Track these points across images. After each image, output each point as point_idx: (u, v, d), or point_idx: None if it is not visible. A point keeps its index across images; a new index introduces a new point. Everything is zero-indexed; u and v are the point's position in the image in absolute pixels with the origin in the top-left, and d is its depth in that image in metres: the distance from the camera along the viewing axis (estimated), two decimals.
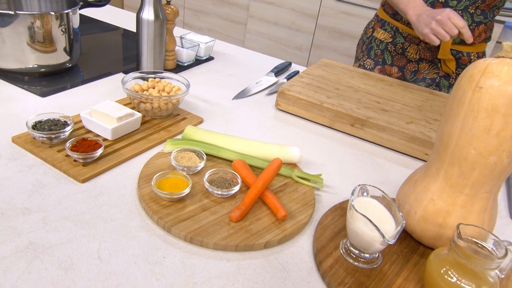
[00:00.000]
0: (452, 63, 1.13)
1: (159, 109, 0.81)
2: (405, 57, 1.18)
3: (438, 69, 1.17)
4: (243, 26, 3.09)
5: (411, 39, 1.15)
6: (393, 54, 1.20)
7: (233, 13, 3.09)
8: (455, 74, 1.17)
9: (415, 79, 1.20)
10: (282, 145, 0.74)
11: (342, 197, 0.71)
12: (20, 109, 0.80)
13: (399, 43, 1.17)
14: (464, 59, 1.14)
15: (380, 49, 1.22)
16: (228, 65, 1.19)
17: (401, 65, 1.20)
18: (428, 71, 1.17)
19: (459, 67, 1.16)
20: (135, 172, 0.68)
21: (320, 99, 0.92)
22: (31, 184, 0.61)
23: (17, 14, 0.83)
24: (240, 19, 3.08)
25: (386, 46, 1.21)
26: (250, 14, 3.00)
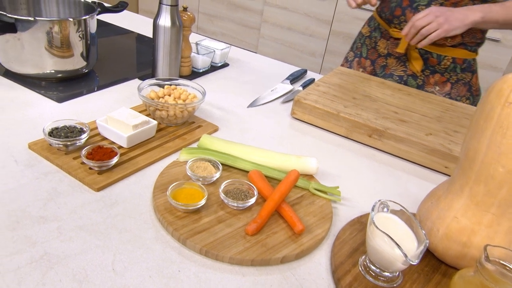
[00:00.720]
0: (418, 62, 1.12)
1: (174, 116, 0.80)
2: (377, 51, 1.21)
3: (405, 67, 1.16)
4: (257, 31, 3.09)
5: (384, 35, 1.17)
6: (369, 47, 1.23)
7: (247, 18, 3.10)
8: (421, 75, 1.15)
9: (383, 74, 1.20)
10: (299, 156, 0.73)
11: (359, 210, 0.69)
12: (37, 115, 0.80)
13: (373, 36, 1.21)
14: (432, 60, 1.12)
15: (361, 42, 1.26)
16: (243, 72, 1.18)
17: (373, 59, 1.22)
18: (395, 67, 1.17)
19: (427, 68, 1.14)
20: (150, 181, 0.67)
21: (337, 109, 0.91)
22: (46, 192, 0.61)
23: (37, 20, 0.83)
24: (254, 24, 3.08)
25: (365, 39, 1.25)
26: (264, 19, 2.99)
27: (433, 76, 1.13)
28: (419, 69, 1.12)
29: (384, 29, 1.18)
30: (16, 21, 0.82)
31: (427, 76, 1.14)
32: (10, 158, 0.67)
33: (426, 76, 1.15)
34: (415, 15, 0.99)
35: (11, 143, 0.70)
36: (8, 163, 0.65)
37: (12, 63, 0.89)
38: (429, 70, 1.14)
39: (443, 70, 1.13)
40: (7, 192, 0.59)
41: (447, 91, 1.14)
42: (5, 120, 0.76)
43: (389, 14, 1.13)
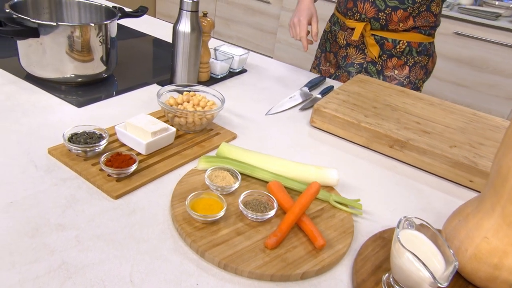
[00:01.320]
0: (375, 48, 1.18)
1: (193, 124, 0.79)
2: (337, 43, 1.27)
3: (364, 54, 1.22)
4: (273, 35, 3.08)
5: (343, 27, 1.24)
6: (331, 41, 1.30)
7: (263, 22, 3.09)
8: (379, 60, 1.21)
9: (345, 64, 1.27)
10: (319, 167, 0.71)
11: (381, 225, 0.67)
12: (57, 119, 0.80)
13: (333, 30, 1.28)
14: (388, 45, 1.18)
15: (325, 38, 1.34)
16: (261, 78, 1.17)
17: (335, 51, 1.29)
18: (355, 55, 1.23)
19: (384, 53, 1.19)
20: (168, 189, 0.66)
21: (357, 118, 0.89)
22: (65, 198, 0.61)
23: (59, 25, 0.83)
24: (270, 28, 3.07)
25: (327, 34, 1.32)
26: (280, 24, 2.98)
27: (390, 60, 1.19)
28: (376, 54, 1.19)
29: (342, 22, 1.24)
30: (39, 26, 0.83)
31: (385, 61, 1.20)
32: (30, 163, 0.66)
33: (384, 60, 1.21)
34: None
35: (31, 148, 0.70)
36: (28, 168, 0.65)
37: (34, 67, 0.89)
38: (386, 55, 1.20)
39: (400, 53, 1.18)
40: (27, 198, 0.59)
41: (406, 74, 1.20)
42: (27, 124, 0.77)
43: (344, 8, 1.21)
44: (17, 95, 0.86)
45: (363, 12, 1.15)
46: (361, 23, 1.16)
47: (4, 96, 0.85)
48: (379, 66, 1.22)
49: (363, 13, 1.15)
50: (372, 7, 1.13)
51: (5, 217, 0.55)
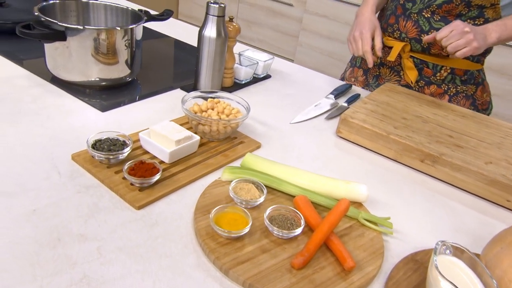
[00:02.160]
0: (412, 72, 1.08)
1: (217, 132, 0.77)
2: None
3: (400, 76, 1.13)
4: (295, 38, 3.05)
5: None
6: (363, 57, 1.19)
7: (286, 25, 3.06)
8: (416, 86, 1.11)
9: (377, 84, 1.19)
10: (348, 182, 0.68)
11: (412, 246, 0.63)
12: (81, 124, 0.79)
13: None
14: (428, 71, 1.08)
15: None
16: (285, 84, 1.14)
17: (366, 69, 1.21)
18: (389, 77, 1.16)
19: (422, 79, 1.11)
20: (192, 201, 0.65)
21: (386, 130, 0.85)
22: (87, 207, 0.59)
23: (85, 29, 0.83)
24: (292, 31, 3.04)
25: None
26: (303, 27, 2.95)
27: (428, 87, 1.10)
28: (413, 79, 1.09)
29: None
30: (66, 29, 0.82)
31: (422, 87, 1.11)
32: (54, 169, 0.66)
33: (421, 87, 1.11)
34: (439, 32, 0.92)
35: (55, 153, 0.69)
36: (51, 175, 0.64)
37: (60, 70, 0.89)
38: (424, 81, 1.10)
39: (440, 81, 1.09)
40: (50, 206, 0.58)
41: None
42: (51, 128, 0.76)
43: (384, 23, 1.12)
44: (42, 98, 0.86)
45: (404, 31, 1.06)
46: (400, 43, 1.07)
47: (31, 98, 0.85)
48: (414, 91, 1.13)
49: (404, 31, 1.06)
50: (414, 27, 1.04)
51: (28, 226, 0.54)
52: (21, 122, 0.76)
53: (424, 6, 1.01)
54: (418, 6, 1.02)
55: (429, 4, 1.00)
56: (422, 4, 1.02)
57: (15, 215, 0.56)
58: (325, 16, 2.80)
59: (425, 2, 1.01)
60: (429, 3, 1.00)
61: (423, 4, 1.01)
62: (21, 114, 0.79)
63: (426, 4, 1.01)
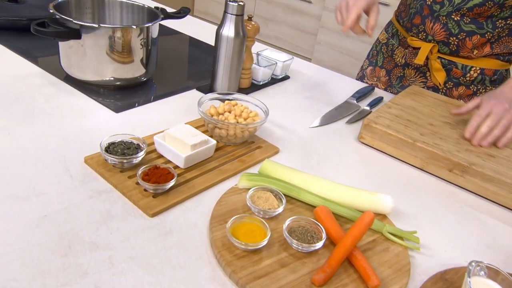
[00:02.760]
0: (440, 73, 1.04)
1: (234, 136, 0.76)
2: (393, 60, 1.16)
3: (426, 78, 1.10)
4: (313, 36, 3.01)
5: (403, 43, 1.12)
6: (385, 55, 1.19)
7: (304, 23, 3.03)
8: (443, 87, 1.07)
9: (400, 85, 1.15)
10: (372, 193, 0.66)
11: (441, 263, 0.61)
12: (94, 125, 0.79)
13: (390, 44, 1.16)
14: (457, 71, 1.04)
15: (376, 50, 1.22)
16: (304, 86, 1.12)
17: (389, 69, 1.18)
18: (414, 78, 1.12)
19: (450, 80, 1.07)
20: (207, 208, 0.63)
21: (412, 136, 0.82)
22: (100, 213, 0.58)
23: (101, 27, 0.82)
24: (311, 29, 3.01)
25: (381, 47, 1.20)
26: (321, 24, 2.91)
27: (456, 89, 1.06)
28: (441, 81, 1.05)
29: (403, 36, 1.11)
30: (81, 27, 0.82)
31: (450, 89, 1.07)
32: (66, 172, 0.65)
33: (449, 89, 1.07)
34: (474, 118, 0.82)
35: (67, 155, 0.69)
36: (63, 178, 0.64)
37: (74, 69, 0.89)
38: (453, 82, 1.06)
39: (469, 82, 1.05)
40: (61, 212, 0.58)
41: None
42: (63, 129, 0.76)
43: (408, 21, 1.07)
44: (56, 97, 0.85)
45: (431, 33, 1.02)
46: (427, 44, 1.03)
47: (44, 98, 0.85)
48: (441, 93, 1.09)
49: (430, 33, 1.02)
50: (443, 29, 0.99)
51: (39, 232, 0.54)
52: (34, 122, 0.76)
53: (453, 9, 0.97)
54: (446, 9, 0.98)
55: (459, 7, 0.96)
56: (451, 7, 0.97)
57: (26, 220, 0.55)
58: None
59: (455, 5, 0.96)
60: (459, 6, 0.96)
61: (453, 7, 0.97)
62: (34, 114, 0.78)
63: (456, 7, 0.97)
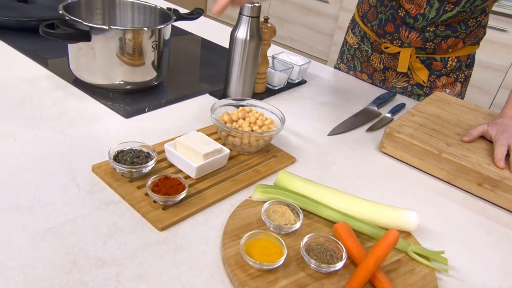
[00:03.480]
0: (423, 72, 1.09)
1: (248, 145, 0.74)
2: (371, 65, 1.17)
3: (408, 77, 1.12)
4: (330, 37, 2.98)
5: (375, 47, 1.12)
6: (361, 60, 1.19)
7: (320, 24, 3.00)
8: (428, 83, 1.11)
9: (384, 88, 1.18)
10: (395, 208, 0.63)
11: (471, 286, 0.57)
12: (103, 131, 0.78)
13: (364, 50, 1.16)
14: (437, 64, 1.08)
15: (351, 54, 1.22)
16: (322, 91, 1.10)
17: (369, 73, 1.19)
18: (396, 79, 1.14)
19: (433, 74, 1.10)
20: (219, 222, 0.61)
21: (438, 147, 0.79)
22: (107, 226, 0.57)
23: (111, 29, 0.81)
24: (327, 30, 2.98)
25: (355, 51, 1.20)
26: (338, 25, 2.89)
27: (439, 80, 1.09)
28: (425, 79, 1.09)
29: (374, 40, 1.12)
30: (91, 29, 0.81)
31: (433, 82, 1.10)
32: (73, 181, 0.64)
33: (432, 82, 1.10)
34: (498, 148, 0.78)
35: (75, 163, 0.68)
36: (70, 188, 0.63)
37: (83, 71, 0.88)
38: (435, 75, 1.10)
39: (449, 71, 1.08)
40: (66, 224, 0.56)
41: (458, 91, 1.13)
42: (71, 135, 0.75)
43: (379, 28, 1.07)
44: (64, 101, 0.85)
45: (407, 42, 1.04)
46: (405, 50, 1.05)
47: (52, 101, 0.84)
48: (427, 88, 1.12)
49: (406, 42, 1.04)
50: (419, 38, 1.02)
51: (43, 246, 0.52)
52: (41, 127, 0.75)
53: (428, 23, 0.99)
54: (421, 23, 1.00)
55: (434, 21, 0.98)
56: (425, 22, 0.99)
57: (30, 233, 0.54)
58: None
59: (429, 19, 0.99)
60: (433, 20, 0.98)
61: (427, 21, 0.99)
62: (42, 119, 0.78)
63: (430, 22, 0.99)
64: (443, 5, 0.96)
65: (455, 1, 0.94)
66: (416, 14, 0.99)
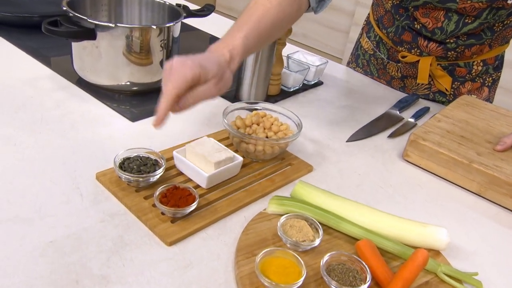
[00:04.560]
0: (445, 79, 1.04)
1: (263, 152, 0.72)
2: (388, 73, 1.13)
3: (429, 84, 1.08)
4: (345, 34, 2.95)
5: (392, 54, 1.09)
6: (377, 68, 1.16)
7: (335, 20, 2.97)
8: (451, 90, 1.07)
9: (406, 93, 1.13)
10: (424, 225, 0.60)
11: None
12: (107, 135, 0.76)
13: (380, 58, 1.13)
14: (461, 70, 1.03)
15: (365, 60, 1.18)
16: (339, 93, 1.07)
17: (387, 80, 1.15)
18: (416, 87, 1.10)
19: (456, 80, 1.05)
20: (232, 237, 0.59)
21: (468, 156, 0.76)
22: (112, 241, 0.55)
23: (117, 27, 0.80)
24: (342, 26, 2.95)
25: (370, 58, 1.17)
26: (354, 22, 2.85)
27: (463, 86, 1.05)
28: (448, 86, 1.05)
29: (390, 46, 1.08)
30: (96, 26, 0.79)
31: (457, 89, 1.06)
32: (75, 190, 0.62)
33: (456, 89, 1.06)
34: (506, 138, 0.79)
35: (78, 170, 0.66)
36: (73, 197, 0.61)
37: (87, 71, 0.86)
38: (458, 82, 1.04)
39: (475, 76, 1.03)
40: (69, 238, 0.54)
41: (486, 96, 1.08)
42: (74, 139, 0.73)
43: (395, 36, 1.03)
44: (67, 103, 0.83)
45: (426, 51, 1.00)
46: (425, 58, 1.01)
47: (54, 103, 0.83)
48: (450, 96, 1.08)
49: (425, 51, 1.00)
50: (440, 47, 0.98)
51: (43, 262, 0.51)
52: (42, 131, 0.74)
53: (447, 36, 0.95)
54: (440, 37, 0.96)
55: (453, 34, 0.94)
56: (444, 35, 0.95)
57: (29, 247, 0.52)
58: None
59: (448, 33, 0.94)
60: (452, 33, 0.94)
61: (446, 35, 0.95)
62: (43, 122, 0.76)
63: (450, 35, 0.95)
64: (463, 17, 0.91)
65: (476, 14, 0.90)
66: (433, 28, 0.95)
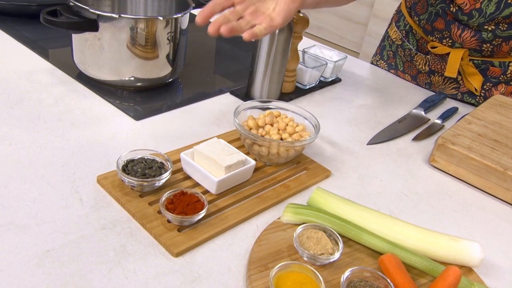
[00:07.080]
0: (476, 77, 1.02)
1: (277, 155, 0.70)
2: (415, 66, 1.12)
3: (458, 83, 1.06)
4: (363, 26, 2.92)
5: (421, 45, 1.07)
6: (403, 60, 1.14)
7: (353, 11, 2.95)
8: (482, 92, 1.04)
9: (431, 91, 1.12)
10: (455, 238, 0.59)
11: None
12: (110, 135, 0.75)
13: (407, 48, 1.11)
14: (495, 70, 1.00)
15: (392, 51, 1.17)
16: (359, 91, 1.05)
17: (413, 75, 1.14)
18: (443, 86, 1.09)
19: (487, 81, 1.03)
20: (243, 248, 0.58)
21: (502, 163, 0.74)
22: (113, 250, 0.54)
23: (121, 18, 0.79)
24: (361, 18, 2.92)
25: (397, 49, 1.15)
26: (373, 13, 2.82)
27: (496, 88, 1.02)
28: (478, 86, 1.03)
29: (420, 37, 1.07)
30: (98, 17, 0.79)
31: (489, 91, 1.03)
32: (75, 195, 0.61)
33: (487, 90, 1.03)
34: None
35: (78, 173, 0.65)
36: (71, 202, 0.60)
37: (88, 65, 0.86)
38: (491, 83, 1.02)
39: (510, 78, 1.00)
40: (67, 247, 0.54)
41: None
42: (74, 139, 0.73)
43: (427, 23, 1.01)
44: (66, 100, 0.83)
45: (459, 41, 0.97)
46: (457, 51, 0.98)
47: (53, 100, 0.82)
48: (480, 98, 1.05)
49: (458, 41, 0.98)
50: (474, 38, 0.95)
51: (39, 274, 0.50)
52: (39, 130, 0.73)
53: (486, 20, 0.92)
54: (477, 20, 0.93)
55: (493, 17, 0.91)
56: (483, 18, 0.92)
57: (24, 257, 0.51)
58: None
59: (487, 15, 0.91)
60: (492, 17, 0.91)
61: (484, 18, 0.92)
62: (41, 120, 0.76)
63: (489, 18, 0.92)
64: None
65: None
66: (470, 9, 0.92)
